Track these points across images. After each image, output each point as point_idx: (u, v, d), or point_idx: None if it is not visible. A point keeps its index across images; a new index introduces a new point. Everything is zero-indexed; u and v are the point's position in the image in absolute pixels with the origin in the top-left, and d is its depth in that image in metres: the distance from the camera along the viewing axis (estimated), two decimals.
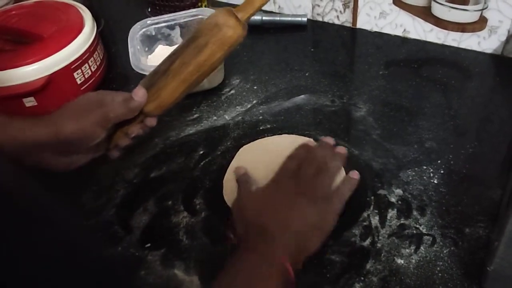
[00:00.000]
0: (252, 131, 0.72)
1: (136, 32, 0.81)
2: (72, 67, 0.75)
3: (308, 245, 0.51)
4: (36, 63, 0.72)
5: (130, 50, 0.77)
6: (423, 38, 0.88)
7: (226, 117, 0.75)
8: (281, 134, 0.70)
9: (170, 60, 0.59)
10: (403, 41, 0.89)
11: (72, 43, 0.75)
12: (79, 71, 0.76)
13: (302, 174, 0.56)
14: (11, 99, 0.72)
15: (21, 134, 0.54)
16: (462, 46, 0.85)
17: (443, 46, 0.86)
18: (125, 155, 0.70)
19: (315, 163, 0.57)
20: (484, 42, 0.83)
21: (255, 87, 0.80)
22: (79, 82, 0.77)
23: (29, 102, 0.74)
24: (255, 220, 0.52)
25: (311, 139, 0.67)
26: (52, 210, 0.31)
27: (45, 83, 0.72)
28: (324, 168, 0.57)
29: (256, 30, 0.94)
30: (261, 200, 0.55)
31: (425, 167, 0.64)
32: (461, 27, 0.80)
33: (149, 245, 0.58)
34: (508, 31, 0.79)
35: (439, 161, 0.65)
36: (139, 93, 0.58)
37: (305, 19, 0.94)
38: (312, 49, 0.89)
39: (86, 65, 0.77)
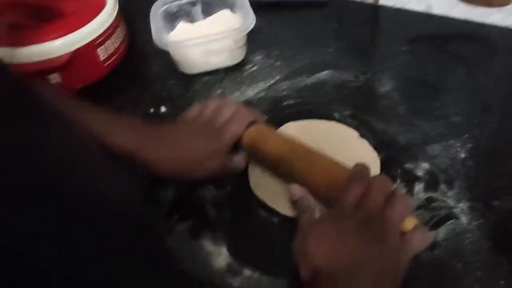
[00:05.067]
0: (276, 107, 0.72)
1: (158, 8, 0.81)
2: (95, 43, 0.75)
3: (387, 281, 0.44)
4: (59, 39, 0.72)
5: (152, 26, 0.76)
6: (448, 14, 0.86)
7: (250, 93, 0.75)
8: (305, 110, 0.70)
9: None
10: (427, 17, 0.87)
11: (96, 19, 0.75)
12: (102, 47, 0.76)
13: (373, 202, 0.47)
14: (35, 75, 0.72)
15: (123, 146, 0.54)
16: (488, 21, 0.83)
17: (468, 21, 0.85)
18: None
19: (383, 192, 0.48)
20: (510, 17, 0.81)
21: (278, 63, 0.80)
22: (102, 58, 0.77)
23: (54, 79, 0.74)
24: (323, 257, 0.46)
25: (356, 134, 0.65)
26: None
27: (69, 59, 0.72)
28: (394, 203, 0.48)
29: (276, 6, 0.93)
30: (328, 233, 0.48)
31: (452, 141, 0.64)
32: (487, 2, 0.79)
33: (176, 217, 0.59)
34: None
35: (465, 135, 0.64)
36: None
37: None
38: (335, 25, 0.88)
39: (109, 41, 0.77)
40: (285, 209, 0.57)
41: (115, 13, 0.79)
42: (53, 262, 0.25)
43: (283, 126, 0.66)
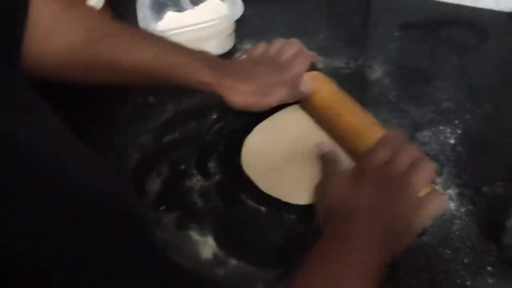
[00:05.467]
0: None
1: None
2: None
3: (396, 242, 0.46)
4: None
5: (139, 15, 0.76)
6: None
7: None
8: None
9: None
10: (419, 2, 0.86)
11: None
12: None
13: (398, 165, 0.49)
14: None
15: (182, 76, 0.59)
16: (479, 5, 0.82)
17: (459, 6, 0.84)
18: (138, 121, 0.70)
19: (409, 159, 0.49)
20: (503, 1, 0.80)
21: None
22: None
23: None
24: (339, 204, 0.48)
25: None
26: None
27: None
28: (417, 168, 0.49)
29: None
30: (347, 184, 0.49)
31: (442, 127, 0.63)
32: None
33: (163, 207, 0.58)
34: None
35: (456, 121, 0.64)
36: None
37: None
38: (325, 12, 0.87)
39: None
40: (273, 191, 0.57)
41: (101, 3, 0.78)
42: (53, 262, 0.25)
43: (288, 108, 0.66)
